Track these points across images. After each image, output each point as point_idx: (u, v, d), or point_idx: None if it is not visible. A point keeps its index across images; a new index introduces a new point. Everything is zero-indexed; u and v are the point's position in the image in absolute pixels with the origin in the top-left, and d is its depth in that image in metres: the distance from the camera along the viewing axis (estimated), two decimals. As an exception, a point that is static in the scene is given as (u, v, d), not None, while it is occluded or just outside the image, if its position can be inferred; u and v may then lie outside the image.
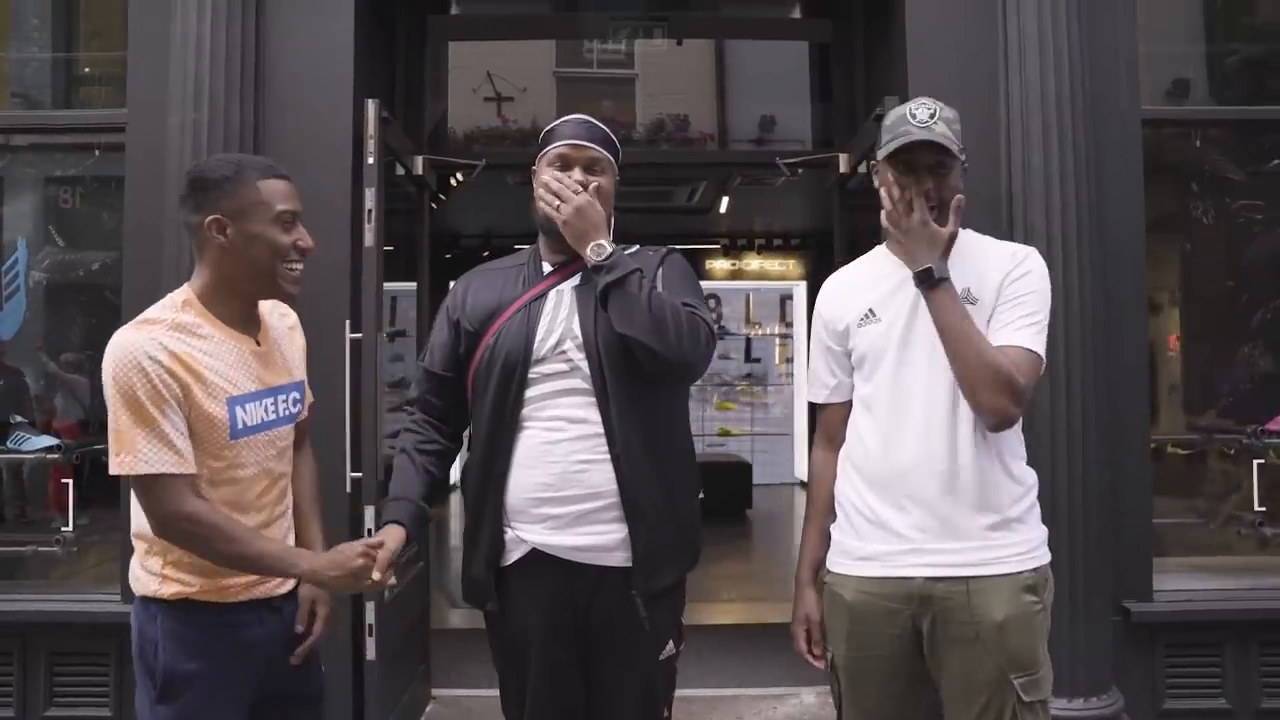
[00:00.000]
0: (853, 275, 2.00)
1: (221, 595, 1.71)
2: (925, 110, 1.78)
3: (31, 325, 3.52)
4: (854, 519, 1.87)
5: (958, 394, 1.75)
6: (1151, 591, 3.12)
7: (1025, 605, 1.74)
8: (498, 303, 1.94)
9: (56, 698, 3.15)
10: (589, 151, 1.92)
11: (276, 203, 1.71)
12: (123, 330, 1.65)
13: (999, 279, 1.79)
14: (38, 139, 3.59)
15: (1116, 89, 3.12)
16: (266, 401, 1.76)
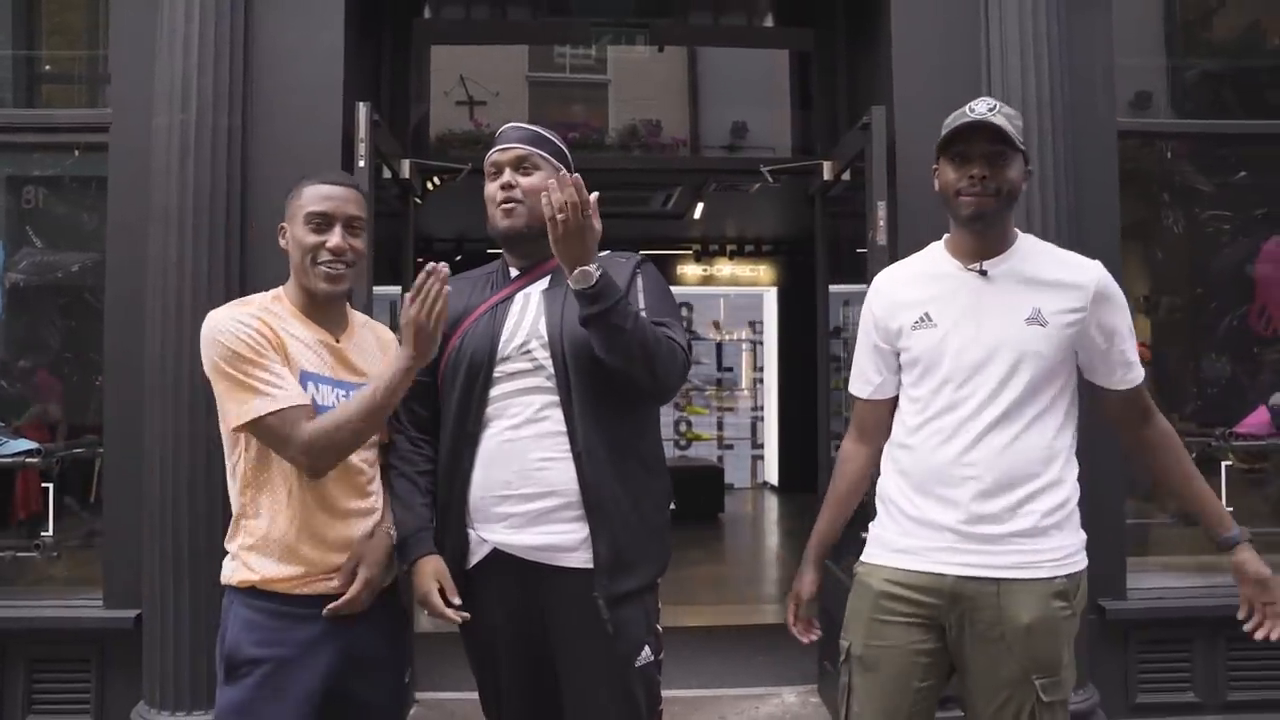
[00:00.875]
0: (909, 273, 1.97)
1: (284, 585, 1.77)
2: (984, 104, 1.80)
3: (9, 327, 3.45)
4: (895, 515, 1.89)
5: (1010, 400, 1.78)
6: (1125, 590, 3.20)
7: (1053, 610, 1.76)
8: (465, 307, 1.96)
9: (35, 705, 3.09)
10: (513, 151, 1.94)
11: (308, 205, 1.84)
12: (215, 311, 1.83)
13: (1075, 308, 1.80)
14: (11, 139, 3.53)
15: (1094, 99, 3.21)
16: (340, 391, 1.84)
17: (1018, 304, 1.81)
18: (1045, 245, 1.92)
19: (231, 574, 1.82)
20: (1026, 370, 1.78)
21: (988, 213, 1.79)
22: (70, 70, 3.79)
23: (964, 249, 1.87)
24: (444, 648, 1.87)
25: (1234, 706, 3.23)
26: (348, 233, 1.86)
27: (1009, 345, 1.79)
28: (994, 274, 1.83)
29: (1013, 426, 1.78)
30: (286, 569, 1.78)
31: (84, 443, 3.37)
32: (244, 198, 3.02)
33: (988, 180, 1.78)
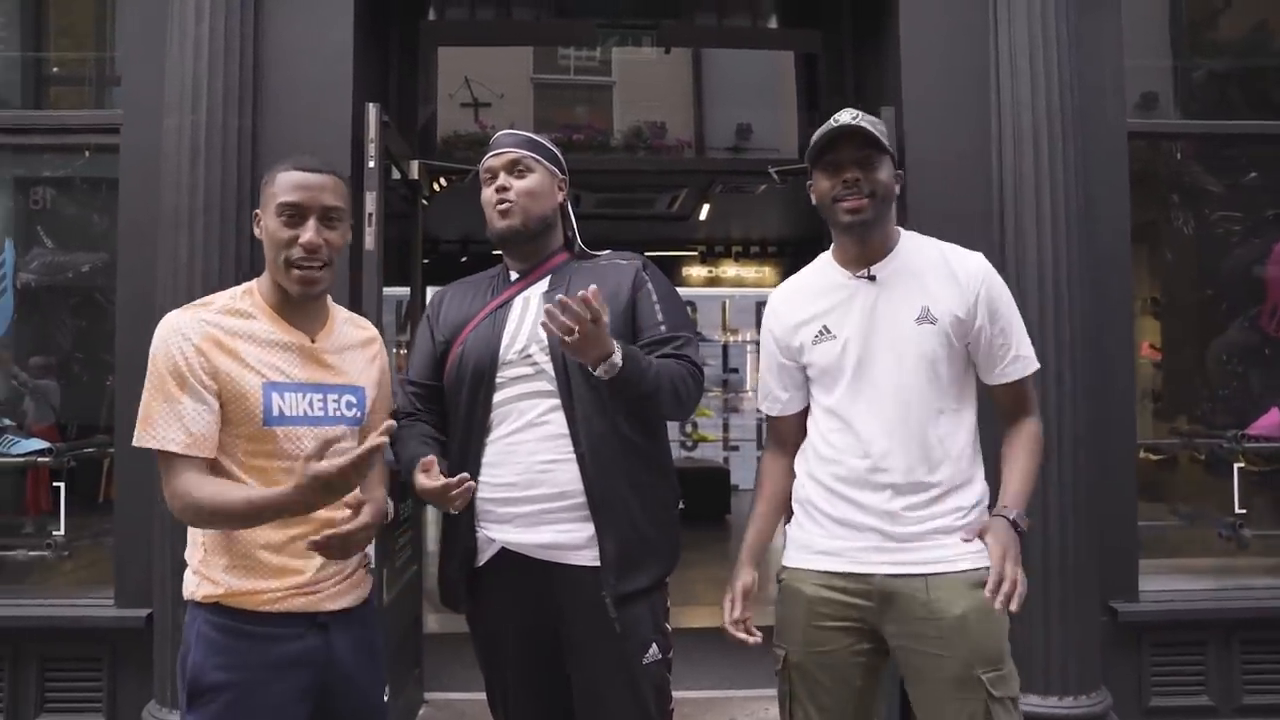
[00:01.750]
0: (802, 288, 1.99)
1: (252, 602, 1.64)
2: (848, 114, 1.83)
3: (20, 327, 3.46)
4: (816, 516, 1.89)
5: (911, 401, 1.81)
6: (1137, 592, 3.19)
7: (982, 600, 1.75)
8: (467, 312, 1.99)
9: (48, 704, 3.10)
10: (507, 155, 1.97)
11: (280, 193, 1.69)
12: (171, 313, 1.69)
13: (960, 303, 1.82)
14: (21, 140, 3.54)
15: (1103, 100, 3.20)
16: (312, 396, 1.71)
17: (907, 305, 1.83)
18: (929, 242, 1.93)
19: (195, 588, 1.68)
20: (922, 370, 1.81)
21: (866, 215, 1.81)
22: (78, 72, 3.80)
23: (850, 256, 1.89)
24: (453, 648, 1.86)
25: (1248, 710, 3.21)
26: (324, 225, 1.70)
27: (903, 346, 1.82)
28: (882, 277, 1.85)
29: (918, 426, 1.81)
30: (252, 583, 1.64)
31: (95, 442, 3.38)
32: (254, 198, 3.00)
33: (860, 182, 1.81)
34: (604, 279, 1.89)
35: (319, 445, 1.50)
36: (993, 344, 1.86)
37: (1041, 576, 2.92)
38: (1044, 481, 2.92)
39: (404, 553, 3.66)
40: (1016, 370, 1.87)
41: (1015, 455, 1.88)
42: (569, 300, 1.64)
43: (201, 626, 1.65)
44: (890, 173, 1.85)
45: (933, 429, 1.82)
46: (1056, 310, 2.97)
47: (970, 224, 3.03)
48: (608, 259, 2.02)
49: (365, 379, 1.82)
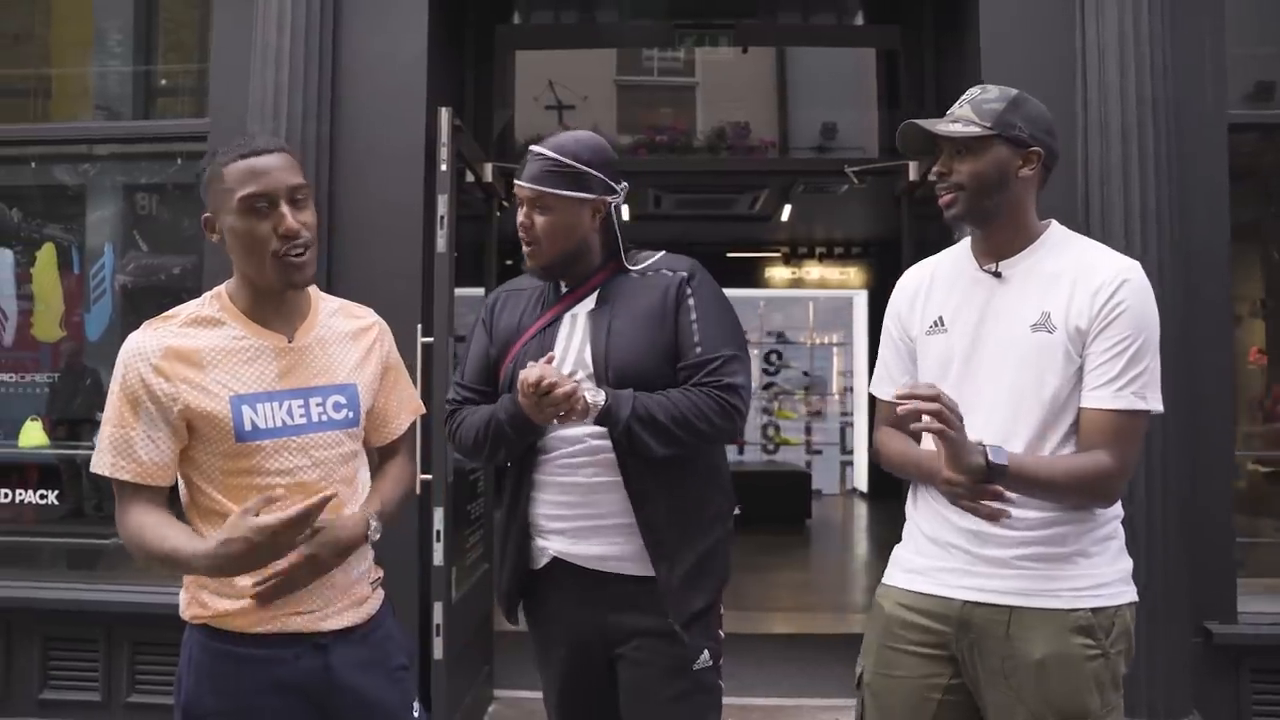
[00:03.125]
0: (928, 275, 1.84)
1: (242, 624, 1.54)
2: (966, 99, 1.69)
3: (117, 327, 3.64)
4: (913, 532, 1.77)
5: (1022, 410, 1.62)
6: (1235, 613, 3.01)
7: (1071, 647, 1.57)
8: (517, 326, 1.95)
9: (138, 684, 3.27)
10: (524, 190, 1.87)
11: (238, 186, 1.51)
12: (134, 333, 1.57)
13: (1085, 310, 1.60)
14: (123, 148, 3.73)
15: (1201, 92, 3.03)
16: (291, 403, 1.58)
17: (1027, 309, 1.64)
18: (1077, 241, 1.72)
19: (185, 607, 1.59)
20: (1030, 380, 1.62)
21: (955, 210, 1.66)
22: (182, 84, 3.98)
23: (980, 248, 1.74)
24: (524, 646, 1.85)
25: (1356, 741, 3.00)
26: (294, 208, 1.53)
27: (1012, 352, 1.64)
28: (1008, 275, 1.68)
29: (1025, 440, 1.61)
30: (238, 604, 1.53)
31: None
32: (330, 203, 3.11)
33: (945, 176, 1.67)
34: (649, 299, 1.85)
35: (257, 501, 1.42)
36: (1098, 360, 1.59)
37: (1127, 593, 2.80)
38: (1132, 494, 2.80)
39: (474, 551, 3.72)
40: (1104, 397, 1.58)
41: (1060, 456, 1.63)
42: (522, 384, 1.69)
43: (194, 650, 1.58)
44: (996, 161, 1.63)
45: (1035, 443, 1.61)
46: (1146, 313, 2.82)
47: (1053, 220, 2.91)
48: (655, 270, 1.92)
49: (358, 375, 1.68)
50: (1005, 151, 1.63)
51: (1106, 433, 1.59)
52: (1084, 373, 1.61)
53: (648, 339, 1.83)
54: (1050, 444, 1.62)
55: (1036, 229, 1.70)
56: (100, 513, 3.68)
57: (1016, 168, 1.64)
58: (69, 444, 3.64)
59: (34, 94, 4.08)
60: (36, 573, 3.53)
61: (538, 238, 1.86)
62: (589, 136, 1.90)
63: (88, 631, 3.27)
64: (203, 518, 1.57)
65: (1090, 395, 1.60)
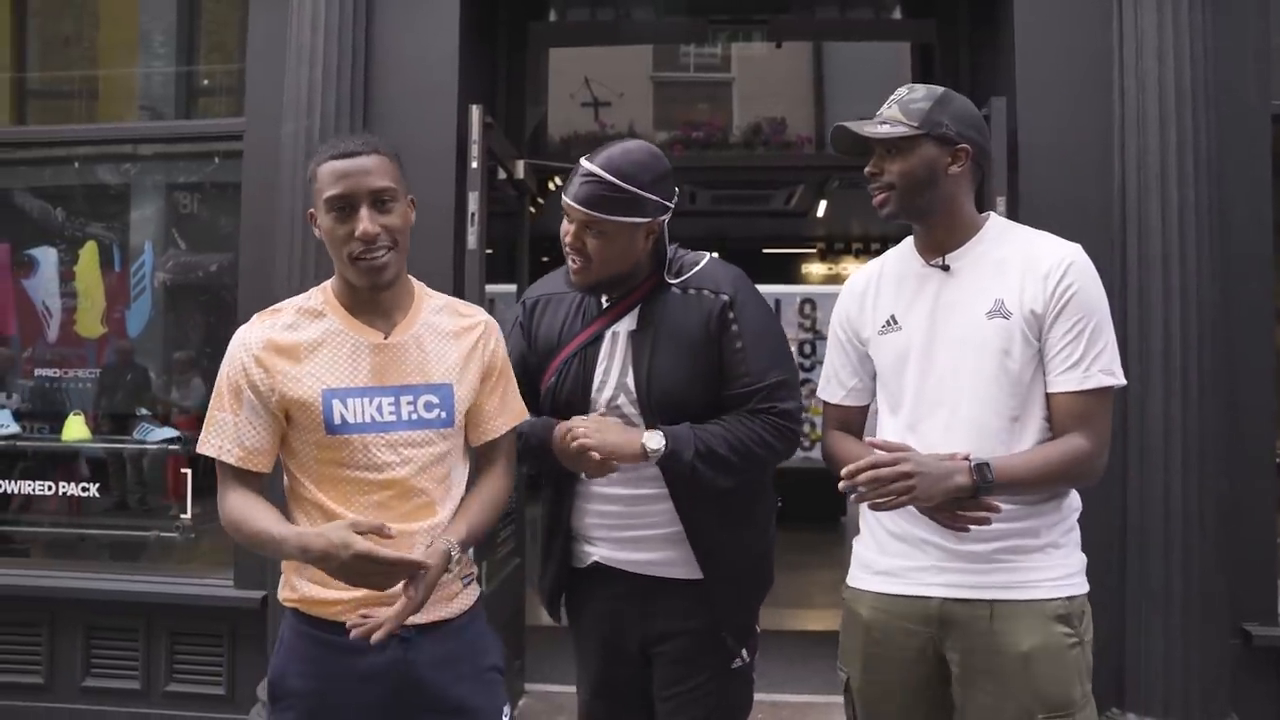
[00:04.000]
0: (874, 275, 1.84)
1: (327, 611, 1.58)
2: (894, 98, 1.70)
3: (156, 324, 3.72)
4: (876, 531, 1.75)
5: (985, 394, 1.63)
6: (1276, 614, 2.95)
7: (1055, 636, 1.58)
8: (559, 339, 1.91)
9: (176, 673, 3.33)
10: (575, 212, 1.80)
11: (325, 187, 1.57)
12: (247, 323, 1.65)
13: (1039, 295, 1.62)
14: (164, 148, 3.81)
15: (1243, 83, 2.96)
16: (382, 400, 1.60)
17: (980, 297, 1.66)
18: (1018, 230, 1.76)
19: (280, 588, 1.66)
20: (991, 368, 1.63)
21: (889, 208, 1.69)
22: (224, 84, 4.04)
23: (924, 244, 1.75)
24: (556, 640, 1.86)
25: (1403, 748, 2.92)
26: (376, 211, 1.56)
27: (971, 342, 1.65)
28: (956, 267, 1.70)
29: (986, 429, 1.63)
30: (328, 592, 1.56)
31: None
32: (364, 200, 3.14)
33: (877, 176, 1.69)
34: (689, 322, 1.81)
35: (371, 524, 1.46)
36: (1059, 344, 1.62)
37: (1164, 593, 2.76)
38: (1168, 492, 2.76)
39: (505, 546, 3.74)
40: (1073, 380, 1.61)
41: (1039, 448, 1.63)
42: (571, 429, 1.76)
43: (286, 630, 1.64)
44: (925, 159, 1.65)
45: (1003, 433, 1.63)
46: (1183, 309, 2.78)
47: (1087, 216, 2.88)
48: (696, 289, 1.84)
49: (456, 375, 1.66)
50: (933, 150, 1.66)
51: (1080, 415, 1.62)
52: (1045, 358, 1.63)
53: (689, 367, 1.80)
54: (1025, 429, 1.64)
55: (976, 221, 1.73)
56: (143, 506, 3.77)
57: (945, 165, 1.67)
58: (110, 438, 3.72)
59: (81, 95, 4.17)
60: (79, 564, 3.61)
61: (589, 259, 1.80)
62: (642, 152, 1.80)
63: (128, 621, 3.34)
64: (298, 505, 1.63)
65: (1059, 379, 1.62)
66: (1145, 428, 2.79)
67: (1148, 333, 2.81)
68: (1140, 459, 2.81)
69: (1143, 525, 2.80)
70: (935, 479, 1.52)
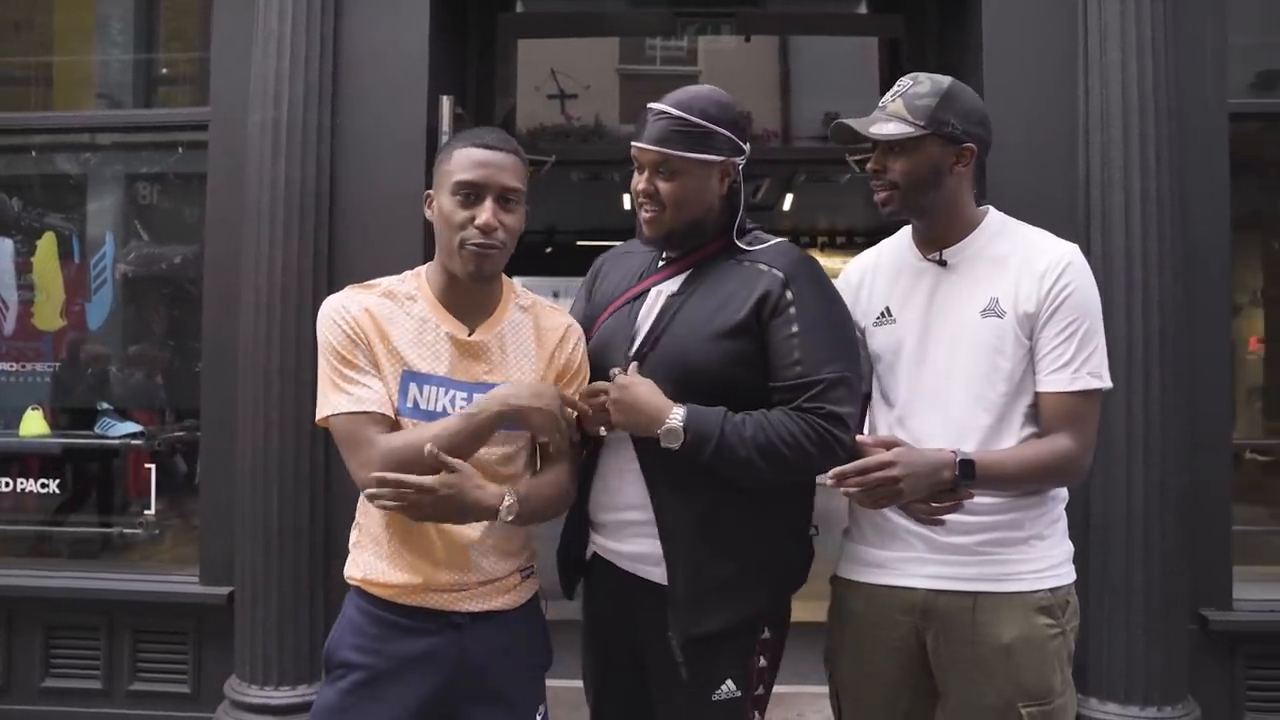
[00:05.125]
0: (870, 266, 1.83)
1: (387, 591, 1.60)
2: (890, 92, 1.66)
3: (117, 316, 3.65)
4: (863, 523, 1.75)
5: (975, 391, 1.64)
6: (1231, 600, 3.02)
7: (1037, 628, 1.60)
8: (616, 288, 1.84)
9: (139, 673, 3.27)
10: (650, 153, 1.69)
11: (458, 171, 1.58)
12: (332, 295, 1.67)
13: (1033, 294, 1.62)
14: (123, 138, 3.73)
15: (1202, 81, 3.02)
16: (456, 394, 1.60)
17: (974, 295, 1.66)
18: (1016, 227, 1.73)
19: (347, 566, 1.68)
20: (982, 366, 1.63)
21: (891, 207, 1.68)
22: (183, 73, 3.97)
23: (922, 237, 1.74)
24: (561, 636, 1.81)
25: (1353, 729, 3.01)
26: (500, 207, 1.58)
27: (963, 339, 1.65)
28: (953, 263, 1.69)
29: (978, 427, 1.63)
30: (391, 575, 1.60)
31: (185, 426, 3.54)
32: (333, 191, 3.11)
33: (880, 174, 1.67)
34: (729, 290, 1.68)
35: None
36: (1051, 344, 1.61)
37: (1125, 584, 2.81)
38: (1130, 481, 2.81)
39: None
40: (1062, 381, 1.61)
41: (1024, 445, 1.63)
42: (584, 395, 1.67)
43: (349, 606, 1.66)
44: (927, 157, 1.62)
45: (991, 429, 1.63)
46: (1145, 303, 2.83)
47: (1053, 211, 2.89)
48: (753, 261, 1.71)
49: (531, 378, 1.65)
50: (938, 149, 1.63)
51: (1067, 415, 1.62)
52: (1036, 357, 1.63)
53: (717, 340, 1.65)
54: (1014, 427, 1.64)
55: (975, 217, 1.72)
56: (105, 502, 3.70)
57: (950, 164, 1.65)
58: (71, 433, 3.65)
59: (35, 82, 4.07)
60: (38, 562, 3.54)
61: (662, 204, 1.70)
62: (712, 91, 1.73)
63: (89, 620, 3.27)
64: None
65: (1047, 379, 1.62)
66: (1108, 420, 2.84)
67: (1110, 326, 2.84)
68: (1103, 452, 2.83)
69: (1105, 517, 2.85)
70: (922, 476, 1.53)
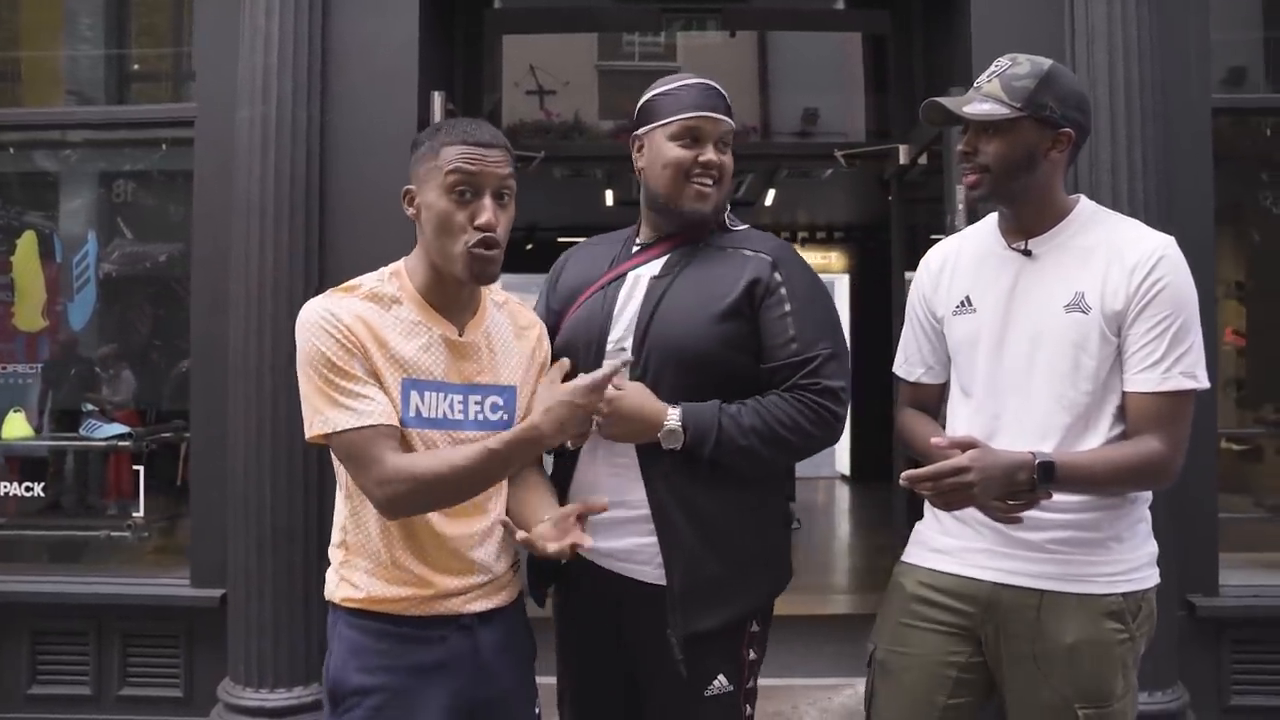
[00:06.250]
0: (953, 252, 1.77)
1: (394, 606, 1.51)
2: (986, 73, 1.61)
3: (101, 316, 3.59)
4: (938, 511, 1.68)
5: (1057, 389, 1.58)
6: (1218, 586, 3.07)
7: (1104, 633, 1.56)
8: (585, 277, 1.80)
9: (129, 678, 3.23)
10: (723, 125, 1.70)
11: (450, 165, 1.47)
12: (313, 300, 1.54)
13: (1122, 290, 1.55)
14: (103, 135, 3.67)
15: (1187, 77, 3.06)
16: (454, 398, 1.54)
17: (1059, 288, 1.59)
18: (1109, 218, 1.67)
19: (334, 589, 1.56)
20: (1064, 362, 1.58)
21: (980, 191, 1.62)
22: (157, 69, 3.92)
23: (1008, 226, 1.68)
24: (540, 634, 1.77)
25: (1335, 711, 3.08)
26: (497, 204, 1.50)
27: (1045, 333, 1.59)
28: (1039, 253, 1.63)
29: (1058, 428, 1.58)
30: (395, 589, 1.51)
31: (173, 427, 3.49)
32: (323, 186, 3.08)
33: (970, 155, 1.61)
34: (717, 274, 1.69)
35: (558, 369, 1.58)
36: (1141, 342, 1.54)
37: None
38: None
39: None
40: (1151, 380, 1.53)
41: (1109, 447, 1.57)
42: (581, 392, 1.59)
43: (343, 629, 1.54)
44: (1023, 140, 1.56)
45: (1075, 429, 1.57)
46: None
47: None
48: (736, 246, 1.74)
49: (518, 377, 1.62)
50: (1035, 133, 1.57)
51: (1156, 417, 1.54)
52: (1124, 355, 1.56)
53: (709, 322, 1.65)
54: (1100, 427, 1.58)
55: (1065, 205, 1.65)
56: (91, 505, 3.65)
57: (1046, 149, 1.58)
58: (55, 435, 3.59)
59: (5, 79, 3.99)
60: (24, 567, 3.48)
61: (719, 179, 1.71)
62: None
63: (77, 624, 3.22)
64: (354, 496, 1.54)
65: (1136, 379, 1.55)
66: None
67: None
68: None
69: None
70: (997, 481, 1.46)
